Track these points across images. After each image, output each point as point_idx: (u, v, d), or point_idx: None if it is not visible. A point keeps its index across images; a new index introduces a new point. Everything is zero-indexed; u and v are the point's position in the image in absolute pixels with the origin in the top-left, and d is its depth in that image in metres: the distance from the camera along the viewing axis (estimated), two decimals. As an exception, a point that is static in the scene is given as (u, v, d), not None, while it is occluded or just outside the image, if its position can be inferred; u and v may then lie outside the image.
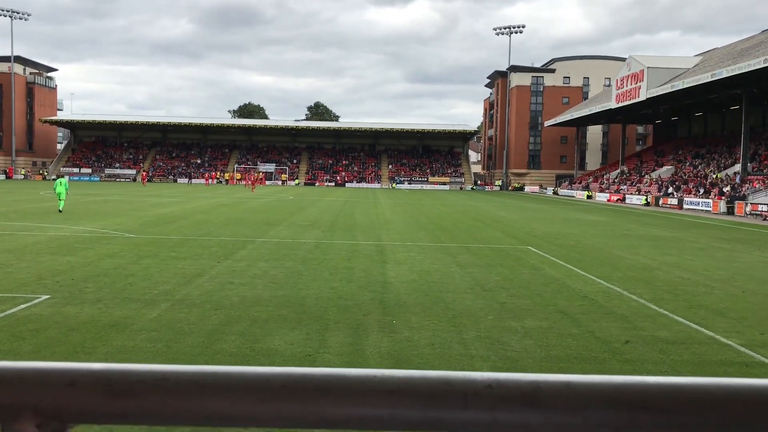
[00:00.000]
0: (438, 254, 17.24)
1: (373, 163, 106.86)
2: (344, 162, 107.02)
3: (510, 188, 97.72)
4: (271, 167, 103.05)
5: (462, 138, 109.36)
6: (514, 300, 11.24)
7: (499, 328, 9.18)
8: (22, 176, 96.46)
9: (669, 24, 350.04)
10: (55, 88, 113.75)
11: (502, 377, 0.74)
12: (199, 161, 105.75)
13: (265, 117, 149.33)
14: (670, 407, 0.72)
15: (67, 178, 33.14)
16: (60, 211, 28.69)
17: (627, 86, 66.77)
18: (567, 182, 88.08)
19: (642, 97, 63.08)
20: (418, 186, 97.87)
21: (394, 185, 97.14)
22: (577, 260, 16.75)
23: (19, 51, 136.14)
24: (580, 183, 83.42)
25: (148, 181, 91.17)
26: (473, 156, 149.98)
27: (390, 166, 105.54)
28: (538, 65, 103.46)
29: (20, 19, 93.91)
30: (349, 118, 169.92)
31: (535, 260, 16.64)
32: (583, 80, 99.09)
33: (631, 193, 63.82)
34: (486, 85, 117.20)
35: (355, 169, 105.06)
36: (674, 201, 53.74)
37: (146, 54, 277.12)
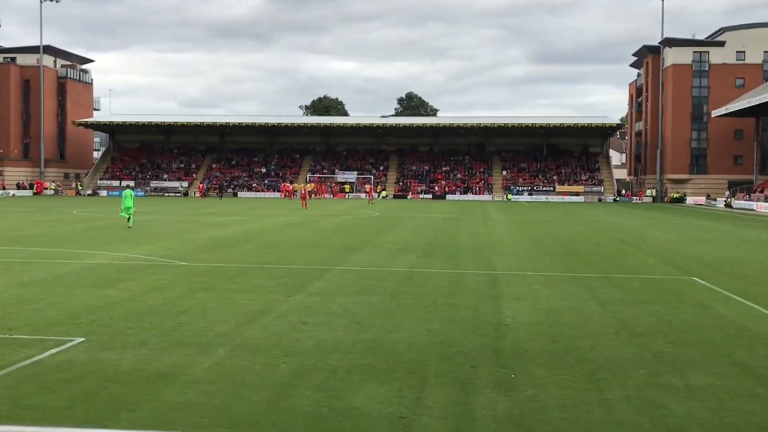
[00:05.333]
0: (570, 287, 16.98)
1: (482, 169, 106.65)
2: (444, 168, 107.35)
3: (666, 199, 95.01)
4: (351, 176, 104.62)
5: (600, 134, 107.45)
6: (675, 348, 10.92)
7: (655, 385, 8.93)
8: (52, 191, 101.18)
9: None
10: (90, 84, 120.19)
11: None
12: (263, 170, 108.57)
13: (345, 113, 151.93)
14: None
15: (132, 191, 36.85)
16: (130, 227, 33.06)
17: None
18: (744, 191, 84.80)
19: None
20: (542, 197, 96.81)
21: (509, 196, 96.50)
22: (761, 295, 16.09)
23: (50, 39, 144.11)
24: (762, 191, 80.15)
25: (204, 195, 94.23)
26: (616, 157, 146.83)
27: (504, 172, 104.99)
28: (701, 37, 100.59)
29: (51, 0, 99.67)
30: (452, 112, 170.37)
31: (702, 295, 16.12)
32: (764, 55, 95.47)
33: (835, 205, 60.68)
34: (632, 65, 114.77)
35: (459, 176, 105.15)
36: None
37: (203, 38, 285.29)
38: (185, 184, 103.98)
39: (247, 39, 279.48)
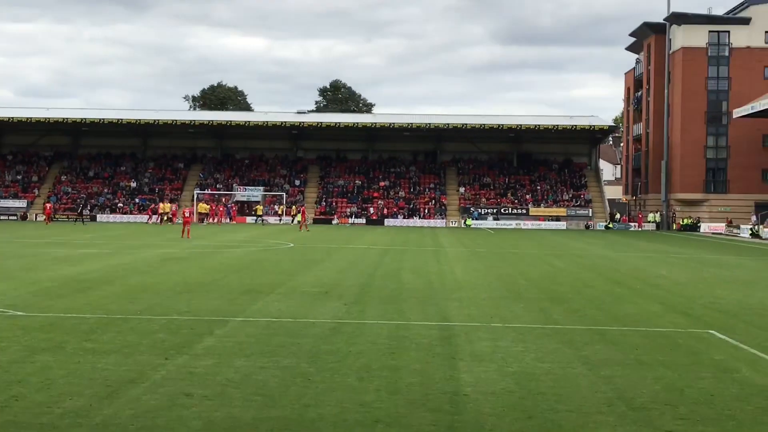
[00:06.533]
0: (549, 344, 17.09)
1: (432, 185, 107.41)
2: (382, 183, 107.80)
3: (674, 226, 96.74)
4: (256, 192, 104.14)
5: (588, 140, 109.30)
6: (687, 427, 11.04)
7: (663, 477, 8.97)
8: None
9: None
10: None
11: None
12: (133, 184, 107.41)
13: (247, 108, 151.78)
14: None
15: None
16: None
17: None
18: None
19: None
20: (512, 223, 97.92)
21: (469, 222, 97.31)
22: (798, 355, 16.40)
23: None
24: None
25: (51, 218, 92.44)
26: (608, 171, 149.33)
27: (462, 189, 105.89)
28: (720, 12, 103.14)
29: None
30: (393, 108, 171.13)
31: (722, 354, 16.37)
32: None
33: None
34: (629, 48, 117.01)
35: (402, 194, 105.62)
36: None
37: (51, 2, 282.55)
38: None
39: (113, 4, 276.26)
